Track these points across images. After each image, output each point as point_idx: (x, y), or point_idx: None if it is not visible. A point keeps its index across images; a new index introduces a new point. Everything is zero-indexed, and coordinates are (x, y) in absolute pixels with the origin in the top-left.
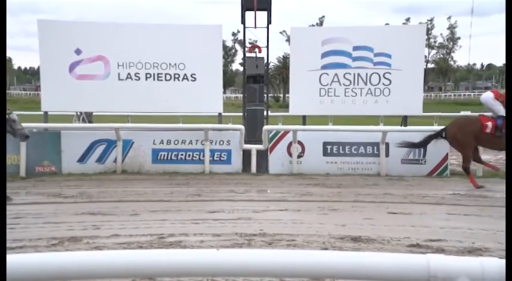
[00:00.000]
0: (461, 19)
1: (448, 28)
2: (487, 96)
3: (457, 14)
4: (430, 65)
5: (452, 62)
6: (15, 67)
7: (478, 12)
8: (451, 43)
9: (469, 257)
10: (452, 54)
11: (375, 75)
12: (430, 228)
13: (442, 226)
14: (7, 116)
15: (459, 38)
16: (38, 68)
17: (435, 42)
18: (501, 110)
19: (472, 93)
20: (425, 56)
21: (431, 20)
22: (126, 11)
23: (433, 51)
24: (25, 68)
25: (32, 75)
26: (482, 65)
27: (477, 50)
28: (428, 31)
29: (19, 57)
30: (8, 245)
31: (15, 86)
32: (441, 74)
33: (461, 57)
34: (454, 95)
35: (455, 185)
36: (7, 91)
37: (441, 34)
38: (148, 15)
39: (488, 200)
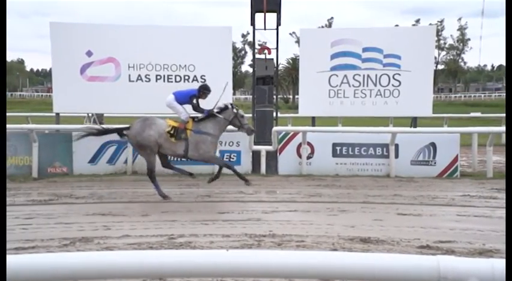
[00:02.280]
0: (472, 20)
1: (458, 29)
2: None
3: (468, 15)
4: (440, 67)
5: (462, 64)
6: (28, 69)
7: (488, 13)
8: (461, 44)
9: (480, 258)
10: (462, 55)
11: (385, 76)
12: (440, 229)
13: (452, 227)
14: (235, 111)
15: (469, 39)
16: (50, 69)
17: (445, 43)
18: None
19: (483, 95)
20: (435, 58)
21: (442, 21)
22: (133, 11)
23: (443, 53)
24: (37, 70)
25: (44, 77)
26: (492, 66)
27: (488, 51)
28: (438, 32)
29: (31, 59)
30: (20, 245)
31: (27, 87)
32: (451, 75)
33: (471, 59)
34: (464, 97)
35: (465, 186)
36: (19, 93)
37: (451, 35)
38: (155, 16)
39: (498, 201)
